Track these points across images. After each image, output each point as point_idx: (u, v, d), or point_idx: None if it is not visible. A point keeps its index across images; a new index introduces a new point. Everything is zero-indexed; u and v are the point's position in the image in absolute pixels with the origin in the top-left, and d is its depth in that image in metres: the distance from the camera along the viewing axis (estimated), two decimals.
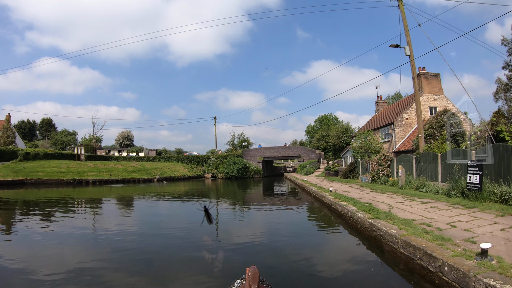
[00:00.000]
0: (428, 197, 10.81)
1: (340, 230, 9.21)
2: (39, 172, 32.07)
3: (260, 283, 3.08)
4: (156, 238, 8.37)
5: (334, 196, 12.81)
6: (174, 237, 8.40)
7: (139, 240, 8.13)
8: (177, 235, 8.72)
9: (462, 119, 20.71)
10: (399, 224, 6.76)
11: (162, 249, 7.18)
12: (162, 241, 8.03)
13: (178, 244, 7.66)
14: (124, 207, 16.05)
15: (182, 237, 8.39)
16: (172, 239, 8.15)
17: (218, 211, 13.18)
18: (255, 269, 3.01)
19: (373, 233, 7.25)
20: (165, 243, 7.81)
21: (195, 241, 8.01)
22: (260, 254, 6.78)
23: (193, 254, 6.82)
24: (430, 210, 8.49)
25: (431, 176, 13.11)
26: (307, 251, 6.92)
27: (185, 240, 8.02)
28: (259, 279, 2.93)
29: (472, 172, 9.57)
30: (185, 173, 43.61)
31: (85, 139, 68.28)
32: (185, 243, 7.80)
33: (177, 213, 13.94)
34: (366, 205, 9.74)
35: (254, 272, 2.93)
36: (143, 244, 7.68)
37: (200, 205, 5.33)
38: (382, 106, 36.26)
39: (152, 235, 8.78)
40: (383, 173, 17.52)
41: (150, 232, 9.17)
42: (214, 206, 14.41)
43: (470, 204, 8.74)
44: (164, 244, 7.64)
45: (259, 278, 2.98)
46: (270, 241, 8.04)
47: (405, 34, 16.45)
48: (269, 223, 10.80)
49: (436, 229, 6.26)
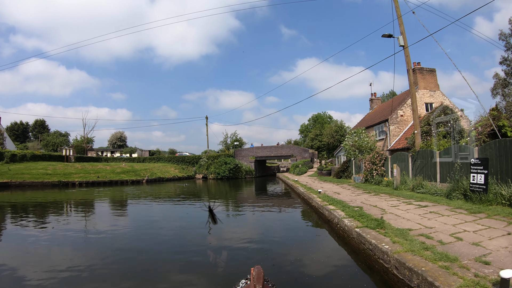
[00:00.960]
0: (426, 200, 9.61)
1: (324, 239, 7.94)
2: (25, 174, 31.32)
3: (265, 283, 3.11)
4: (155, 239, 8.35)
5: (322, 198, 11.58)
6: (174, 238, 8.41)
7: (137, 243, 7.98)
8: (177, 235, 8.81)
9: (459, 115, 19.67)
10: (392, 236, 5.53)
11: (163, 250, 7.12)
12: (161, 241, 8.00)
13: (180, 245, 7.62)
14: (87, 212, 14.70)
15: (182, 238, 8.42)
16: (172, 240, 8.16)
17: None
18: (260, 269, 3.02)
19: (361, 246, 6.01)
20: (164, 243, 7.77)
21: (198, 243, 7.93)
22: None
23: (196, 255, 6.69)
24: (429, 216, 7.28)
25: (429, 176, 11.93)
26: (284, 267, 5.66)
27: (187, 241, 8.03)
28: (263, 279, 2.94)
29: (476, 171, 8.39)
30: (176, 174, 42.53)
31: (76, 140, 66.87)
32: (186, 244, 7.74)
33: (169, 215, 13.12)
34: (355, 209, 8.51)
35: (258, 272, 2.94)
36: (143, 246, 7.55)
37: (204, 205, 5.62)
38: (376, 103, 35.15)
39: (151, 236, 8.83)
40: (376, 173, 16.34)
41: (148, 232, 9.21)
42: (218, 207, 14.04)
43: (474, 208, 7.55)
44: (164, 245, 7.59)
45: (264, 278, 3.00)
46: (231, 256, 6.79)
47: (399, 24, 15.27)
48: (233, 233, 9.51)
49: (438, 242, 5.05)
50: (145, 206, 16.26)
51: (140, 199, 19.08)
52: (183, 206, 16.03)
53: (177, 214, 13.36)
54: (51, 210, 14.76)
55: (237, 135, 54.26)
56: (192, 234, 8.99)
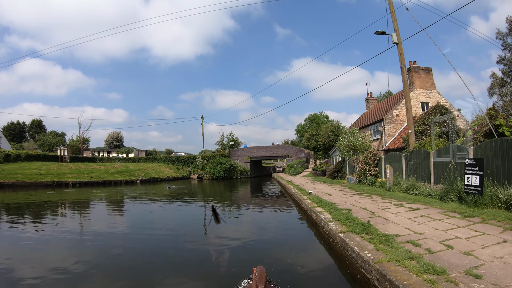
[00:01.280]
0: (418, 202, 9.15)
1: (309, 243, 7.42)
2: (18, 174, 31.03)
3: (267, 283, 3.07)
4: (153, 239, 8.21)
5: (311, 200, 11.10)
6: (175, 239, 8.28)
7: (135, 243, 7.86)
8: (179, 235, 8.64)
9: (456, 115, 19.25)
10: (377, 243, 5.05)
11: (164, 251, 7.00)
12: (160, 242, 7.88)
13: (181, 246, 7.52)
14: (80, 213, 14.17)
15: (183, 238, 8.33)
16: (170, 240, 8.05)
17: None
18: (262, 269, 3.01)
19: (344, 252, 5.54)
20: (162, 244, 7.65)
21: (197, 242, 7.86)
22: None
23: (199, 255, 6.64)
24: (420, 220, 6.81)
25: (423, 177, 11.47)
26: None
27: (189, 241, 7.92)
28: (266, 279, 2.92)
29: (471, 172, 7.93)
30: (170, 174, 42.00)
31: (72, 140, 66.30)
32: (189, 244, 7.63)
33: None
34: (343, 212, 8.04)
35: (261, 272, 2.92)
36: (141, 247, 7.45)
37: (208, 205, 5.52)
38: (372, 103, 34.70)
39: (149, 236, 8.67)
40: (370, 173, 15.88)
41: (146, 233, 9.01)
42: (221, 207, 14.01)
43: (469, 212, 7.10)
44: (164, 246, 7.48)
45: (266, 278, 2.97)
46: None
47: (392, 20, 14.83)
48: (218, 238, 9.03)
49: (426, 251, 4.58)
50: (141, 205, 15.75)
51: (136, 200, 18.56)
52: (176, 206, 15.54)
53: (174, 215, 13.06)
54: (33, 211, 14.24)
55: (233, 135, 53.80)
56: (191, 234, 8.73)
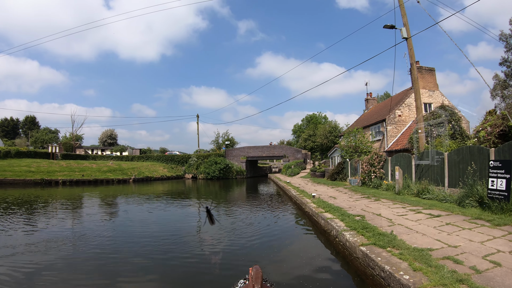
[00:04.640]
0: (435, 207, 8.41)
1: (318, 255, 6.50)
2: (7, 172, 30.05)
3: (264, 282, 3.06)
4: (151, 240, 7.97)
5: (317, 204, 10.31)
6: (169, 240, 7.95)
7: (128, 245, 7.58)
8: (172, 236, 8.28)
9: (460, 116, 18.69)
10: (411, 260, 4.27)
11: (160, 252, 6.80)
12: (155, 243, 7.65)
13: (177, 246, 7.29)
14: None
15: (177, 239, 8.01)
16: (167, 242, 7.71)
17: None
18: (258, 268, 3.05)
19: (368, 270, 4.74)
20: (158, 245, 7.41)
21: (193, 244, 7.63)
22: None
23: (194, 256, 6.52)
24: (447, 229, 6.05)
25: (435, 180, 10.77)
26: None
27: (182, 242, 7.69)
28: (262, 279, 2.88)
29: (496, 175, 7.22)
30: (164, 173, 40.95)
31: (65, 137, 64.94)
32: (182, 245, 7.43)
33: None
34: (357, 219, 7.26)
35: (257, 272, 2.93)
36: (135, 248, 7.24)
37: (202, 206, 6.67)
38: (372, 103, 34.15)
39: (142, 237, 8.38)
40: (375, 175, 15.16)
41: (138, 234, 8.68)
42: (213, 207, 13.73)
43: (497, 220, 6.37)
44: (160, 247, 7.25)
45: (262, 278, 2.97)
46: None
47: (401, 15, 14.15)
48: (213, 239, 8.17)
49: (472, 270, 3.80)
50: (135, 206, 14.81)
51: (128, 198, 17.58)
52: (172, 206, 14.64)
53: (172, 215, 12.33)
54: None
55: (229, 134, 52.96)
56: (185, 236, 8.36)
